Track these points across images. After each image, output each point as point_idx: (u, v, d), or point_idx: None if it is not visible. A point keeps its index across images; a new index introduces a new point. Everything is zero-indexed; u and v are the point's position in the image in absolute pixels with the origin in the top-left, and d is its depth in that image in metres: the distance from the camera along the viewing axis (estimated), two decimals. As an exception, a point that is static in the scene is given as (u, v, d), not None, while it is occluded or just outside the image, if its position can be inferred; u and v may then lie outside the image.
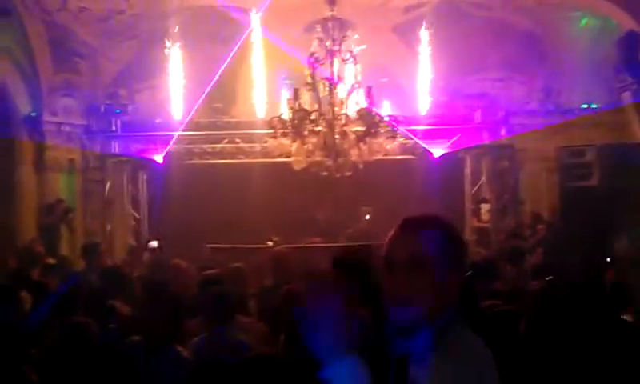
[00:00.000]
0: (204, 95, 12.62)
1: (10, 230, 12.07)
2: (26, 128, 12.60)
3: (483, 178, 13.80)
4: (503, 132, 12.87)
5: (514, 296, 5.42)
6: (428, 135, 12.76)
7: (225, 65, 12.34)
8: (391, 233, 2.26)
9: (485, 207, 13.43)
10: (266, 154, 12.67)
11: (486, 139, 13.09)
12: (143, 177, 14.53)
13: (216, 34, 12.94)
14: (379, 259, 2.27)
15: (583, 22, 12.91)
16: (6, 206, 12.24)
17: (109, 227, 13.50)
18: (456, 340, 2.13)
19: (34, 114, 12.66)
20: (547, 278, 6.46)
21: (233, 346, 4.83)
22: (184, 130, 12.78)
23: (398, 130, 11.11)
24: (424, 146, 12.82)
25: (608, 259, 8.04)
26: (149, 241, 12.86)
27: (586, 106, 13.23)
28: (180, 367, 4.35)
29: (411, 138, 12.36)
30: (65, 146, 12.92)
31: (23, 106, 12.58)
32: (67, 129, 13.00)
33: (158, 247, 12.28)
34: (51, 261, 10.36)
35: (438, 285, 2.16)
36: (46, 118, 12.75)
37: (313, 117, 10.25)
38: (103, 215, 13.44)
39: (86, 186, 13.28)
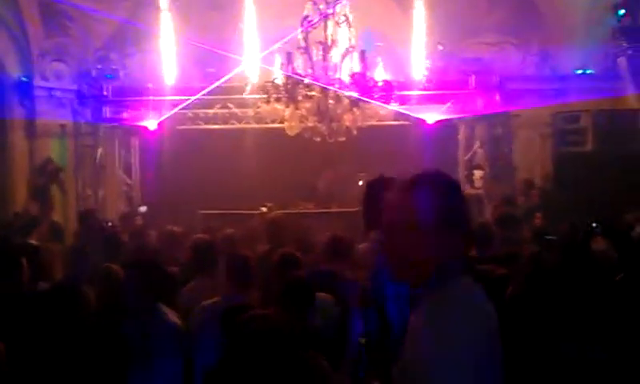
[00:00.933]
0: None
1: (2, 196, 12.03)
2: (16, 93, 12.48)
3: (477, 144, 13.77)
4: (498, 98, 12.80)
5: (507, 261, 5.41)
6: (422, 100, 12.68)
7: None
8: (387, 194, 2.23)
9: (478, 173, 13.40)
10: (259, 119, 12.60)
11: (480, 105, 13.02)
12: (135, 142, 14.47)
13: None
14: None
15: (580, -16, 12.78)
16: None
17: (101, 193, 13.46)
18: (454, 288, 2.13)
19: (24, 79, 12.54)
20: (548, 237, 6.47)
21: None
22: (176, 95, 12.65)
23: (392, 95, 11.03)
24: (418, 112, 12.75)
25: (594, 224, 8.02)
26: (139, 206, 12.87)
27: (581, 71, 13.15)
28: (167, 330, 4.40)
29: (405, 103, 12.27)
30: (56, 112, 12.79)
31: (13, 71, 12.45)
32: (58, 94, 12.88)
33: (147, 212, 12.30)
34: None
35: (434, 243, 2.14)
36: (37, 83, 12.64)
37: (306, 81, 10.15)
38: (95, 181, 13.38)
39: (78, 152, 13.20)
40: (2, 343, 3.99)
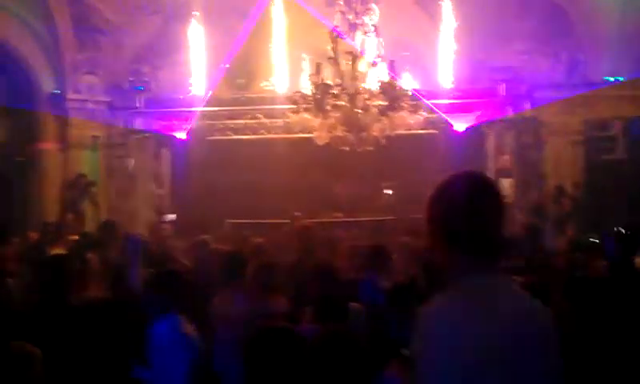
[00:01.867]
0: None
1: (35, 206, 12.23)
2: (50, 105, 12.70)
3: (506, 153, 13.67)
4: (527, 105, 12.71)
5: (533, 270, 5.40)
6: (451, 109, 12.64)
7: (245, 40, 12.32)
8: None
9: (507, 182, 13.32)
10: (287, 129, 12.66)
11: (509, 113, 12.94)
12: (166, 153, 14.61)
13: (237, 9, 12.89)
14: None
15: (610, -8, 12.67)
16: (30, 182, 12.40)
17: (132, 203, 13.60)
18: (453, 290, 2.18)
19: (57, 92, 12.75)
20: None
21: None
22: (206, 106, 12.78)
23: (420, 104, 11.02)
24: (447, 120, 12.71)
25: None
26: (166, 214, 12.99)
27: (611, 78, 13.02)
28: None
29: (434, 112, 12.24)
30: (88, 123, 12.99)
31: (47, 83, 12.67)
32: (91, 106, 13.08)
33: (175, 221, 12.39)
34: (74, 237, 10.49)
35: (435, 240, 2.25)
36: (70, 95, 12.85)
37: (335, 91, 10.18)
38: (127, 191, 13.53)
39: (110, 163, 13.37)
40: (38, 349, 4.04)
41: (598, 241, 6.92)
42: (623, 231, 6.44)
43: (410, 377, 2.17)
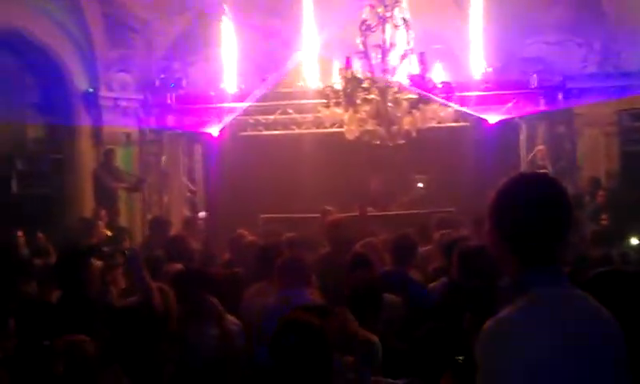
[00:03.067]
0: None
1: (70, 203, 12.41)
2: (83, 104, 12.87)
3: (539, 144, 13.54)
4: (560, 97, 12.56)
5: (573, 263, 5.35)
6: (482, 101, 12.52)
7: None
8: None
9: (541, 173, 13.16)
10: (318, 123, 12.69)
11: (542, 104, 12.80)
12: (198, 149, 14.73)
13: (268, 5, 12.95)
14: None
15: (644, -20, 12.48)
16: (66, 179, 12.59)
17: (166, 199, 13.75)
18: (521, 302, 2.11)
19: (91, 90, 12.90)
20: None
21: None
22: (237, 102, 12.84)
23: (451, 96, 10.96)
24: (478, 113, 12.61)
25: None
26: (199, 211, 13.09)
27: (645, 67, 12.82)
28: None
29: (465, 105, 12.16)
30: (121, 120, 13.14)
31: (81, 82, 12.84)
32: (123, 103, 13.23)
33: (207, 217, 12.48)
34: (108, 232, 10.67)
35: (493, 242, 2.21)
36: (103, 93, 13.00)
37: (365, 85, 10.19)
38: (160, 187, 13.67)
39: (143, 159, 13.51)
40: (92, 340, 4.07)
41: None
42: None
43: None
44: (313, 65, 12.41)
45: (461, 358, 2.21)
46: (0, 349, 4.21)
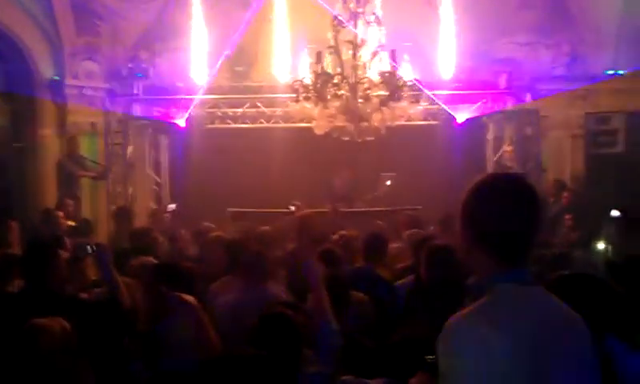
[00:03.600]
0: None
1: (32, 193, 12.19)
2: (48, 91, 12.63)
3: (506, 145, 13.66)
4: (528, 98, 12.67)
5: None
6: (451, 100, 12.60)
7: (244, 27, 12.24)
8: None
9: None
10: (287, 118, 12.63)
11: (510, 104, 12.91)
12: (165, 141, 14.58)
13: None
14: None
15: (612, -15, 12.64)
16: (29, 168, 12.35)
17: (130, 190, 13.56)
18: (485, 299, 2.10)
19: (56, 78, 12.67)
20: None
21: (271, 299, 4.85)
22: (205, 94, 12.71)
23: (421, 94, 10.97)
24: (447, 111, 12.67)
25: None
26: (168, 204, 12.94)
27: (612, 72, 12.99)
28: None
29: (435, 103, 12.20)
30: (87, 110, 12.92)
31: (46, 69, 12.60)
32: (89, 92, 12.98)
33: (176, 210, 12.34)
34: (71, 223, 10.48)
35: (464, 242, 2.20)
36: (68, 81, 12.75)
37: (335, 80, 10.14)
38: (125, 178, 13.49)
39: (108, 149, 13.29)
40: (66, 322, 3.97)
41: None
42: None
43: None
44: (283, 58, 12.35)
45: (431, 357, 2.17)
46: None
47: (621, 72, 12.93)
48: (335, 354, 3.80)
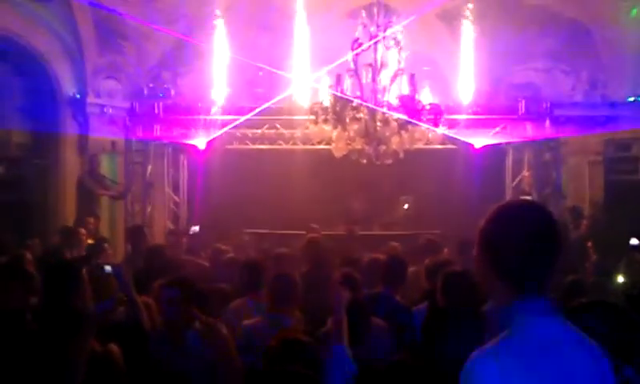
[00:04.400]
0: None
1: (54, 210, 12.28)
2: (70, 109, 12.76)
3: (525, 171, 13.61)
4: (547, 124, 12.63)
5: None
6: (470, 125, 12.58)
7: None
8: None
9: (525, 200, 13.18)
10: (306, 140, 12.67)
11: (529, 131, 12.87)
12: (184, 161, 14.65)
13: (259, 19, 12.94)
14: None
15: (633, 12, 12.60)
16: (49, 186, 12.46)
17: (149, 210, 13.64)
18: (509, 333, 2.07)
19: (78, 96, 12.80)
20: None
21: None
22: (225, 115, 12.79)
23: (440, 119, 10.96)
24: (465, 137, 12.66)
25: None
26: (189, 225, 12.93)
27: (632, 98, 12.94)
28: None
29: (453, 128, 12.19)
30: (108, 128, 13.04)
31: (68, 87, 12.74)
32: (110, 111, 13.10)
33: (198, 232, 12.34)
34: (90, 241, 10.53)
35: (481, 269, 2.20)
36: (90, 99, 12.88)
37: (355, 103, 10.16)
38: (144, 197, 13.57)
39: (128, 168, 13.40)
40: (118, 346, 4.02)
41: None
42: None
43: None
44: (303, 81, 12.41)
45: None
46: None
47: (640, 99, 12.90)
48: (349, 382, 3.79)
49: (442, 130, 10.99)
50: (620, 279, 7.57)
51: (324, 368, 3.56)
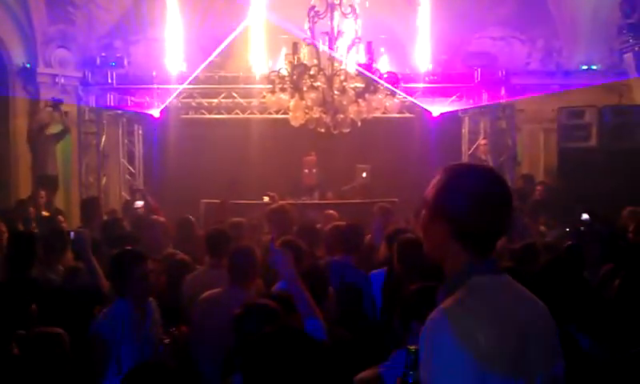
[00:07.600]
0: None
1: (6, 183, 12.03)
2: (20, 79, 12.46)
3: (481, 138, 13.74)
4: (503, 92, 12.74)
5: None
6: (427, 93, 12.65)
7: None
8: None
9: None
10: (263, 109, 12.58)
11: (485, 99, 12.97)
12: (139, 131, 14.45)
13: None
14: None
15: (587, -19, 12.75)
16: (1, 156, 12.19)
17: (104, 180, 13.44)
18: (464, 291, 2.09)
19: (28, 66, 12.50)
20: None
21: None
22: (180, 84, 12.60)
23: (397, 87, 10.96)
24: (421, 106, 12.72)
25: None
26: (135, 193, 12.80)
27: (586, 67, 13.12)
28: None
29: (410, 96, 12.23)
30: (60, 98, 12.74)
31: (18, 57, 12.43)
32: (62, 81, 12.81)
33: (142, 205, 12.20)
34: (45, 213, 10.38)
35: (426, 230, 2.22)
36: (41, 69, 12.60)
37: (312, 72, 10.09)
38: (98, 168, 13.35)
39: (81, 139, 13.15)
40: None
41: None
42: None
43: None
44: (259, 49, 12.29)
45: (413, 347, 2.17)
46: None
47: (594, 67, 13.08)
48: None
49: (399, 98, 10.99)
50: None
51: None
